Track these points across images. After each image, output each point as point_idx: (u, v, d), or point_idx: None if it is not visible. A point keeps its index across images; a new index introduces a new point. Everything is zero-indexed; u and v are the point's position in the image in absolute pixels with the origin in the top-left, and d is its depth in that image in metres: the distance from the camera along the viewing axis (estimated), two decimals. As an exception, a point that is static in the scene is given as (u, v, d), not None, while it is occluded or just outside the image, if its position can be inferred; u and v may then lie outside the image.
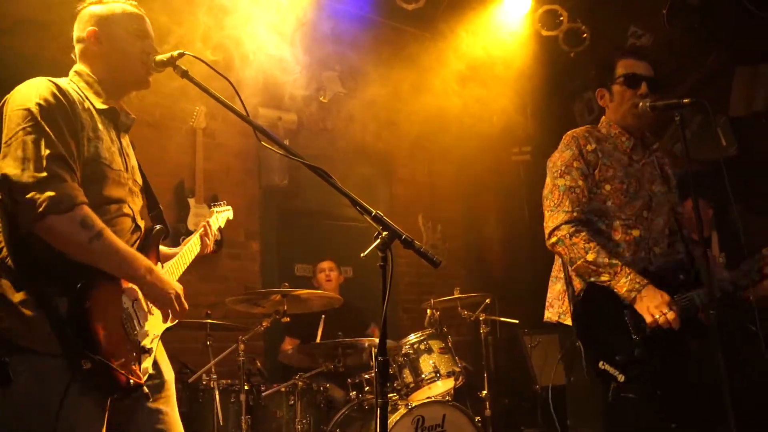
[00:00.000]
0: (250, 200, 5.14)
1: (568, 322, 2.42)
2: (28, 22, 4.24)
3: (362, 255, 1.88)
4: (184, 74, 2.03)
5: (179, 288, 1.99)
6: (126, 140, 2.12)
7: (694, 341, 2.36)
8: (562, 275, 2.50)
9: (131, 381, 1.81)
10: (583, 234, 2.36)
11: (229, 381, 3.58)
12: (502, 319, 4.55)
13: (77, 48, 2.09)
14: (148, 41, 2.08)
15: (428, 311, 4.14)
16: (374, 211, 1.84)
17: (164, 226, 2.13)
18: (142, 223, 2.05)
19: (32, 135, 1.74)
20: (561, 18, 5.37)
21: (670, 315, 2.22)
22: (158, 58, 2.05)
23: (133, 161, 2.11)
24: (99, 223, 1.78)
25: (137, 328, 1.90)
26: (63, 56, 4.31)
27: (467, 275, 6.22)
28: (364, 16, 5.24)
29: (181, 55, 2.05)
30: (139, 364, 1.87)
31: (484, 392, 4.19)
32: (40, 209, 1.69)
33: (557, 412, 2.94)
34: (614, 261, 2.31)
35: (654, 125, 2.53)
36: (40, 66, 4.24)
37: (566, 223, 2.39)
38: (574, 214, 2.39)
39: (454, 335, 4.29)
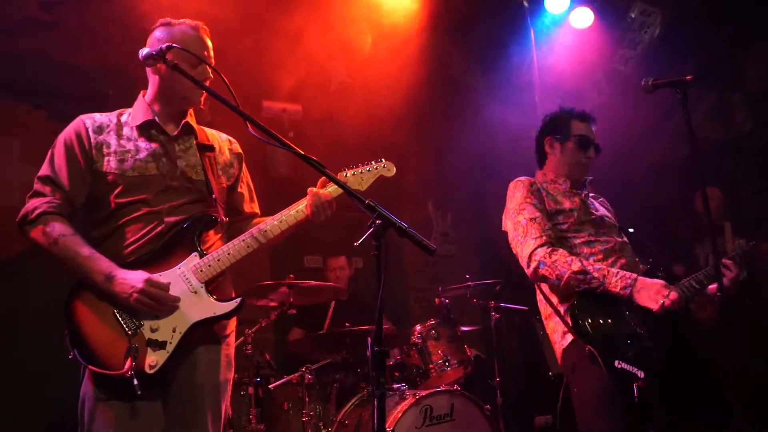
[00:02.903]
0: (257, 192, 5.12)
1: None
2: (31, 21, 4.25)
3: (356, 244, 1.86)
4: (175, 67, 2.01)
5: (142, 285, 1.90)
6: (183, 144, 2.16)
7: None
8: (550, 309, 2.51)
9: (110, 374, 1.85)
10: (560, 251, 2.42)
11: (238, 374, 3.59)
12: (513, 306, 4.49)
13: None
14: (201, 68, 2.10)
15: (437, 300, 4.11)
16: (367, 200, 1.81)
17: (203, 217, 2.10)
18: (175, 219, 2.05)
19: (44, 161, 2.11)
20: None
21: (672, 295, 2.26)
22: (146, 51, 2.03)
23: (186, 162, 2.14)
24: (60, 231, 1.99)
25: (140, 321, 1.93)
26: (72, 58, 4.33)
27: (478, 262, 6.17)
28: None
29: (169, 48, 2.02)
30: (135, 357, 1.85)
31: (496, 380, 4.16)
32: (18, 219, 2.03)
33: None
34: (599, 266, 2.38)
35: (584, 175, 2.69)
36: (44, 69, 4.27)
37: (540, 246, 2.43)
38: (544, 238, 2.45)
39: (465, 323, 4.25)
